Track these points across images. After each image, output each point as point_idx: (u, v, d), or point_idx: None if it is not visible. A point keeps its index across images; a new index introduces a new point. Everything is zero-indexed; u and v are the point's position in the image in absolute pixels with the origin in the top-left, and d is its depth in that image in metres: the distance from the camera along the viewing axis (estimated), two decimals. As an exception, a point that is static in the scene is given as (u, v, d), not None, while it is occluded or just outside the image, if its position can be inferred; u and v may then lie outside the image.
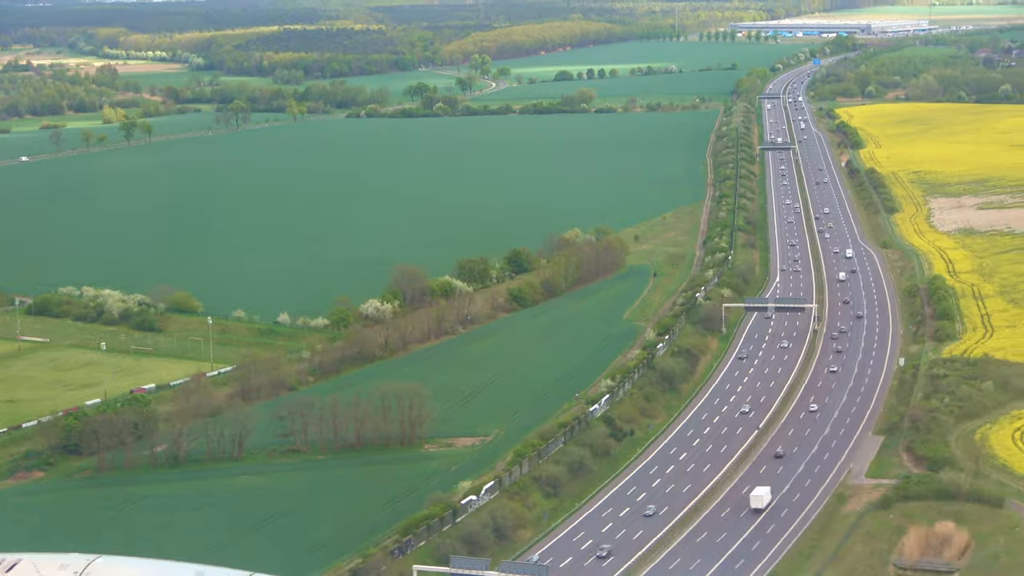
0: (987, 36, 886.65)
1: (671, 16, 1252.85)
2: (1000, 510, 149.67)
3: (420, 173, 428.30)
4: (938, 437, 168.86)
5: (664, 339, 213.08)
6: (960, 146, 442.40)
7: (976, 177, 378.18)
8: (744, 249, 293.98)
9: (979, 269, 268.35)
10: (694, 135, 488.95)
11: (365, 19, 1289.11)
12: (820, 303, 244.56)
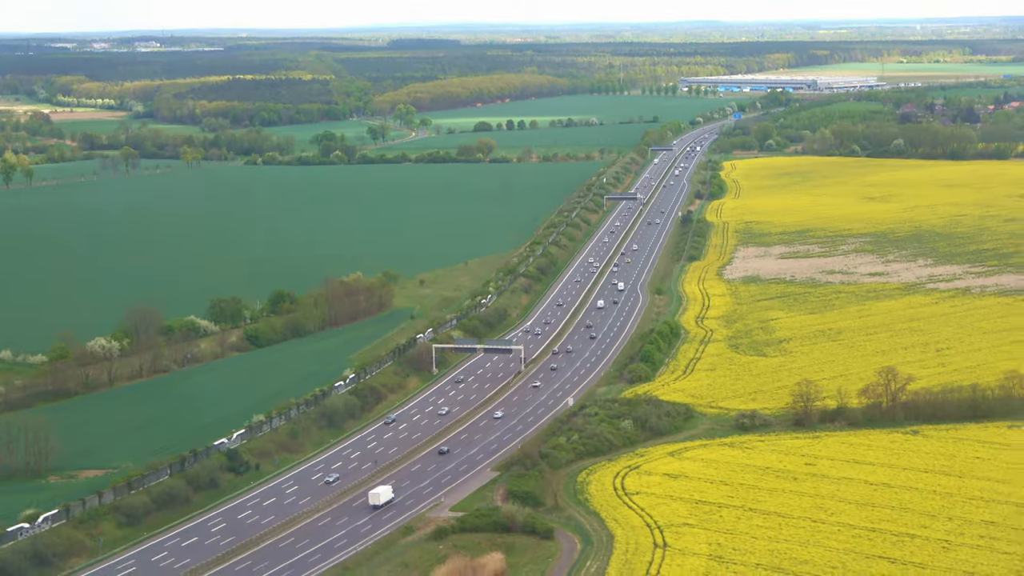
0: (916, 93, 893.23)
1: (628, 71, 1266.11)
2: (548, 541, 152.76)
3: (264, 216, 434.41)
4: (537, 474, 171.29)
5: (347, 378, 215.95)
6: (816, 198, 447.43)
7: (802, 227, 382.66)
8: (515, 293, 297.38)
9: (728, 315, 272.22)
10: (565, 185, 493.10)
11: (324, 70, 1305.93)
12: (549, 340, 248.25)
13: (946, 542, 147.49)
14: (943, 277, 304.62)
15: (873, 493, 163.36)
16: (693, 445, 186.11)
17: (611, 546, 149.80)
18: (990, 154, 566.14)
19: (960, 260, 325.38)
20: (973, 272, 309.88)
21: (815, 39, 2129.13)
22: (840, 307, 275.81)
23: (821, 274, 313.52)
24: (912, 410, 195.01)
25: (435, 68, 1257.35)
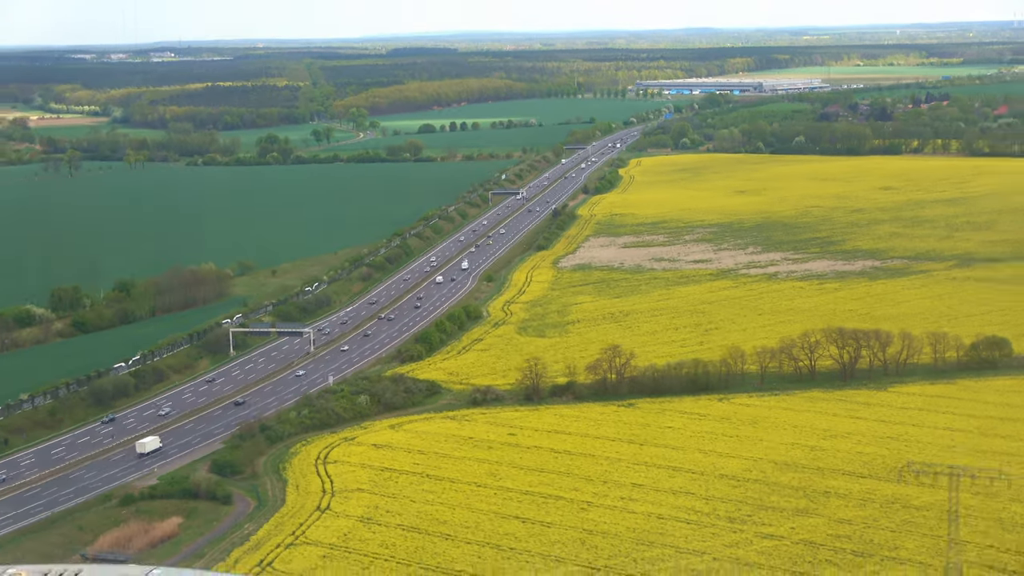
0: (843, 95, 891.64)
1: (588, 76, 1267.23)
2: (227, 505, 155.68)
3: (162, 212, 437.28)
4: (249, 446, 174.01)
5: (130, 360, 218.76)
6: (694, 191, 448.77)
7: (661, 219, 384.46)
8: (349, 281, 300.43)
9: (536, 300, 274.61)
10: (470, 182, 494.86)
11: (304, 77, 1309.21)
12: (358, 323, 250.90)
13: (587, 503, 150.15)
14: (761, 264, 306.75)
15: (550, 460, 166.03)
16: (417, 418, 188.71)
17: (278, 509, 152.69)
18: (884, 150, 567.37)
19: (786, 248, 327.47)
20: (791, 259, 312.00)
21: (793, 44, 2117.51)
22: (645, 292, 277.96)
23: (650, 261, 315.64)
24: (636, 384, 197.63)
25: (406, 74, 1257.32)
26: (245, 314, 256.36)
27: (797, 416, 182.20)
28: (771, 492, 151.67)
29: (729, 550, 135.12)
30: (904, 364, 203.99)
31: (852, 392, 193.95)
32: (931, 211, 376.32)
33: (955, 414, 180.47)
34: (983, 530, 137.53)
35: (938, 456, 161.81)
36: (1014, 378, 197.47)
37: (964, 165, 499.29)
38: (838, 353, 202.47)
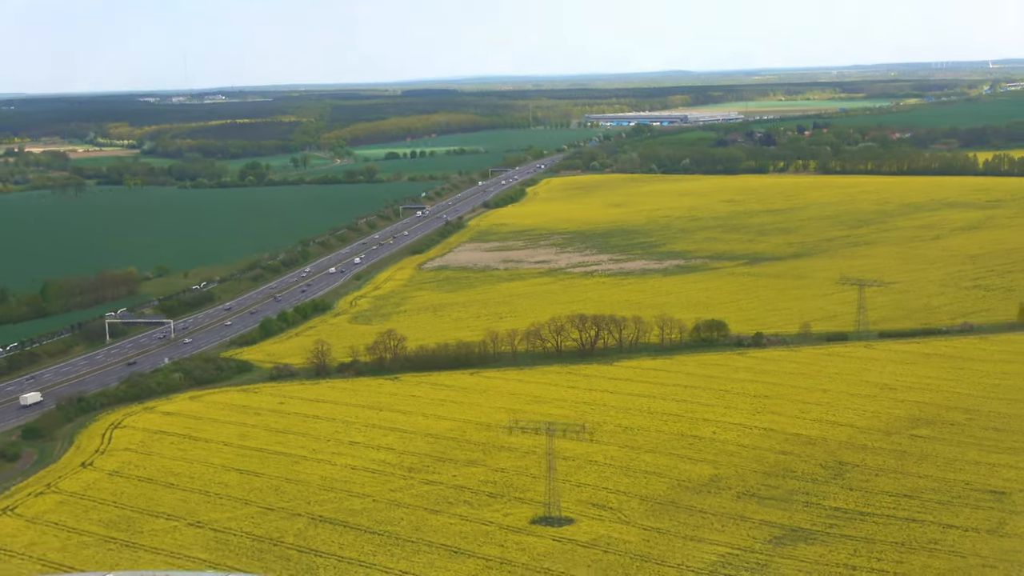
0: (742, 125, 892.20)
1: (549, 111, 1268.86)
2: (14, 462, 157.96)
3: (126, 224, 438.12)
4: (59, 414, 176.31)
5: (7, 346, 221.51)
6: (576, 204, 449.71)
7: (531, 228, 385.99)
8: (239, 281, 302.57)
9: (385, 295, 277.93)
10: (399, 197, 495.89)
11: (311, 115, 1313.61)
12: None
13: (302, 458, 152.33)
14: (588, 263, 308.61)
15: (298, 423, 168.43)
16: (217, 391, 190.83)
17: (48, 464, 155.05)
18: (754, 170, 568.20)
19: (617, 250, 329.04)
20: (616, 259, 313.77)
21: (730, 83, 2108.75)
22: (475, 287, 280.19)
23: (499, 263, 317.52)
24: (408, 362, 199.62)
25: (393, 111, 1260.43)
26: (131, 308, 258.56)
27: (523, 386, 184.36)
28: (457, 448, 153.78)
29: (391, 494, 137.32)
30: (636, 344, 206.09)
31: (583, 367, 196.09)
32: (755, 219, 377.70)
33: (651, 383, 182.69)
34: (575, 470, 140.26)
35: (608, 416, 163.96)
36: (719, 353, 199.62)
37: (808, 181, 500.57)
38: (578, 335, 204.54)
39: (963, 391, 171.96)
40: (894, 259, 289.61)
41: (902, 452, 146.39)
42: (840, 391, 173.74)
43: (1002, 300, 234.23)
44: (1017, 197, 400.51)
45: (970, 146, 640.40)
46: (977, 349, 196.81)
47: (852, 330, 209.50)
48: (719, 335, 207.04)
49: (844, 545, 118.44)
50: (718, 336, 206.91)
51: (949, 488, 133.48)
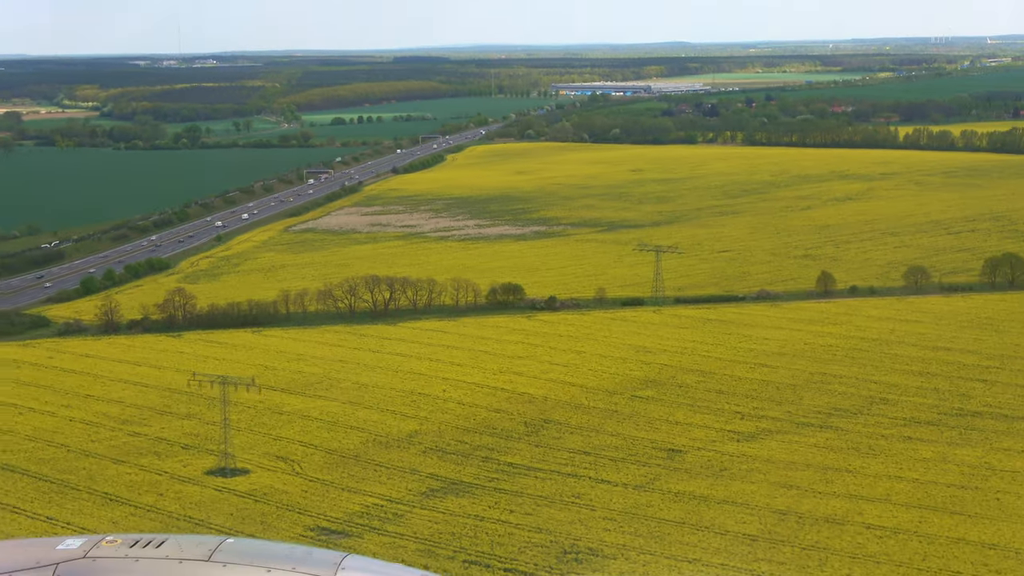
0: (693, 96, 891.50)
1: (518, 79, 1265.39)
2: None
3: (33, 184, 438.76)
4: None
5: None
6: (482, 172, 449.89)
7: (421, 193, 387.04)
8: (106, 241, 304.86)
9: (232, 256, 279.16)
10: (315, 162, 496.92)
11: (281, 80, 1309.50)
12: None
13: (31, 410, 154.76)
14: (451, 228, 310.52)
15: (54, 376, 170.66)
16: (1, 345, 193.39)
17: None
18: (682, 140, 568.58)
19: (487, 216, 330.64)
20: (481, 224, 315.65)
21: (724, 55, 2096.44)
22: (325, 250, 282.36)
23: (367, 227, 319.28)
24: (200, 320, 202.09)
25: (364, 77, 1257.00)
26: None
27: (293, 344, 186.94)
28: (186, 401, 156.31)
29: (89, 444, 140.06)
30: (431, 306, 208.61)
31: (366, 327, 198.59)
32: (644, 188, 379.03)
33: (420, 343, 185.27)
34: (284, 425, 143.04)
35: (351, 373, 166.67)
36: (507, 316, 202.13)
37: (722, 152, 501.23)
38: (370, 296, 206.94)
39: (715, 355, 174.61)
40: (746, 228, 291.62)
41: (612, 412, 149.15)
42: (595, 353, 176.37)
43: (819, 270, 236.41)
44: (912, 170, 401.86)
45: (910, 120, 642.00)
46: (759, 315, 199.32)
47: (649, 296, 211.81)
48: (515, 298, 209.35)
49: (490, 497, 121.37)
50: (514, 299, 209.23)
51: (631, 446, 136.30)
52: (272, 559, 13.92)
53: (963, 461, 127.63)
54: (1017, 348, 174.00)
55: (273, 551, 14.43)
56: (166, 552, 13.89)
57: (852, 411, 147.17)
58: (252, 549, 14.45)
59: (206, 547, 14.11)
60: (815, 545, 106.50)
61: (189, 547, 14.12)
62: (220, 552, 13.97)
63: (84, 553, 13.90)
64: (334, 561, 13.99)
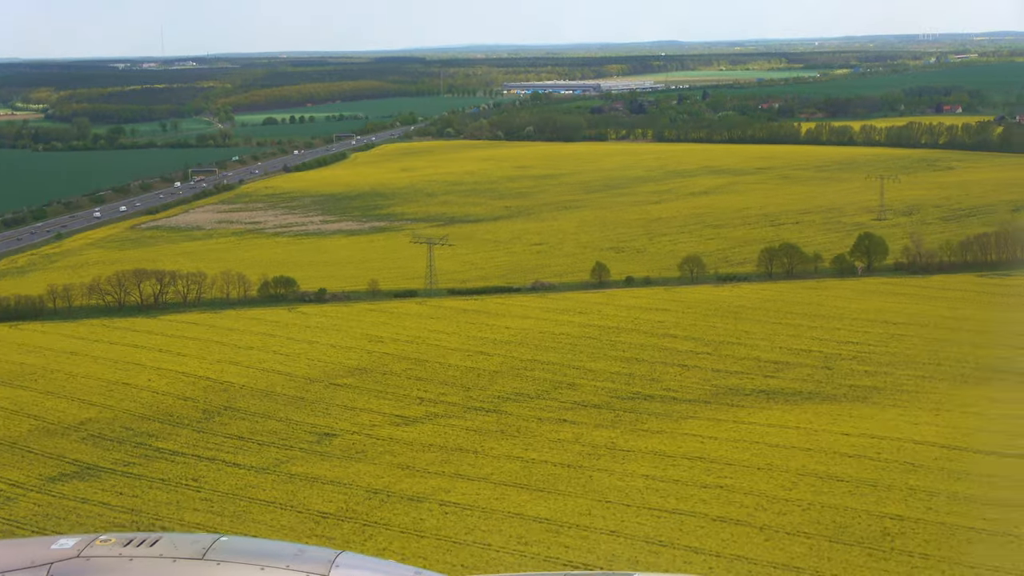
0: (634, 93, 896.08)
1: (471, 79, 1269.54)
2: None
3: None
4: None
5: None
6: (371, 170, 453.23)
7: (294, 191, 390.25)
8: None
9: (59, 253, 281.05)
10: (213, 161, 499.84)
11: (236, 80, 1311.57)
12: None
13: None
14: (294, 224, 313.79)
15: None
16: None
17: None
18: (593, 137, 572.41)
19: (339, 212, 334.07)
20: (327, 220, 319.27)
21: (699, 52, 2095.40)
22: (153, 247, 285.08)
23: (215, 223, 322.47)
24: None
25: (317, 78, 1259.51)
26: None
27: (40, 337, 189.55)
28: None
29: None
30: (200, 300, 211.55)
31: (124, 320, 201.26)
32: (512, 184, 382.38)
33: (161, 335, 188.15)
34: None
35: (66, 363, 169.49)
36: (269, 309, 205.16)
37: (618, 148, 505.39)
38: (138, 290, 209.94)
39: (443, 343, 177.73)
40: (579, 222, 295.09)
41: (299, 398, 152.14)
42: (326, 343, 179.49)
43: (616, 261, 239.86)
44: (790, 164, 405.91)
45: (835, 116, 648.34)
46: (518, 306, 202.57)
47: (422, 287, 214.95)
48: (287, 291, 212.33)
49: (111, 481, 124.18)
50: (286, 292, 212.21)
51: (288, 431, 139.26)
52: (266, 557, 13.85)
53: (593, 442, 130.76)
54: (743, 335, 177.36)
55: (267, 549, 14.43)
56: (160, 551, 13.76)
57: (532, 395, 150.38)
58: (246, 547, 14.38)
59: (200, 545, 14.04)
60: (377, 522, 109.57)
61: (183, 546, 14.03)
62: (214, 550, 13.86)
63: (78, 552, 13.70)
64: (328, 559, 13.86)
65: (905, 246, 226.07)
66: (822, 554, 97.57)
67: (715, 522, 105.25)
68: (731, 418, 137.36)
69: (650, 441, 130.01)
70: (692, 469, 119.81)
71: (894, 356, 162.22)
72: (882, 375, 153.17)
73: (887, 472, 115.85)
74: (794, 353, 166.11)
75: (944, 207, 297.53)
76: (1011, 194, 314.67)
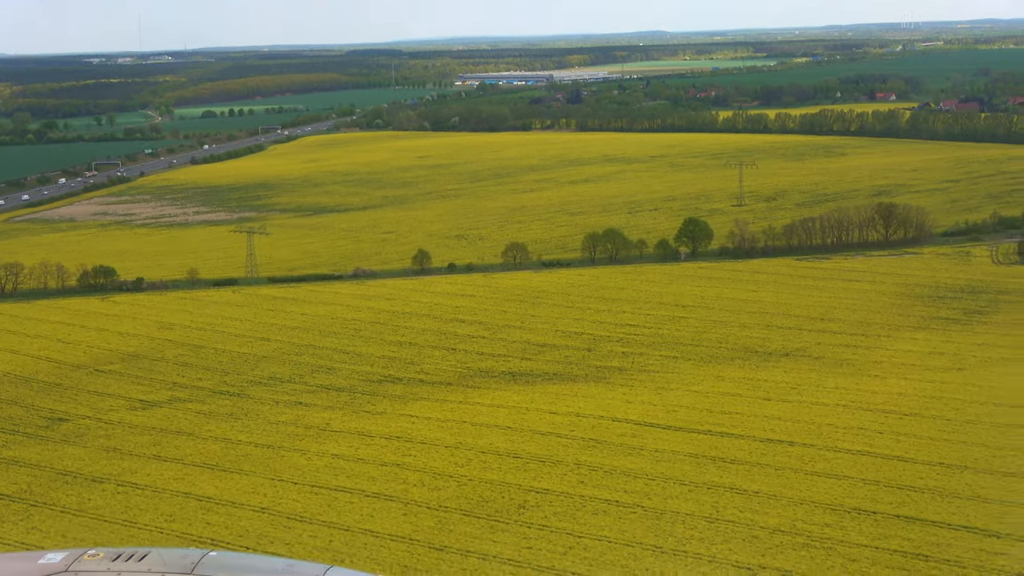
0: (576, 83, 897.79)
1: (427, 71, 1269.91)
2: None
3: None
4: None
5: None
6: (277, 161, 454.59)
7: (191, 182, 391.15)
8: None
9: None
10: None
11: (194, 74, 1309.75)
12: None
13: None
14: (167, 215, 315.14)
15: None
16: None
17: None
18: (518, 127, 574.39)
19: (214, 204, 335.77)
20: (199, 211, 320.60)
21: (677, 42, 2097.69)
22: (20, 238, 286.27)
23: (91, 215, 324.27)
24: None
25: (276, 71, 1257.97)
26: None
27: None
28: None
29: None
30: (18, 290, 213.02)
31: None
32: (403, 175, 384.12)
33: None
34: None
35: None
36: (87, 299, 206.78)
37: (533, 138, 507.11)
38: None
39: (230, 330, 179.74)
40: (442, 211, 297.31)
41: (55, 384, 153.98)
42: (116, 330, 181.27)
43: (455, 249, 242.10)
44: (686, 152, 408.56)
45: (769, 104, 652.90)
46: (331, 293, 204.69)
47: (243, 276, 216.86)
48: (107, 280, 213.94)
49: None
50: (106, 282, 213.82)
51: (27, 415, 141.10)
52: (255, 572, 13.84)
53: (309, 424, 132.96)
54: (528, 319, 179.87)
55: (256, 564, 14.31)
56: (148, 566, 13.55)
57: (285, 379, 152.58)
58: (234, 563, 14.13)
59: (189, 560, 13.80)
60: (44, 503, 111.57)
61: (172, 560, 13.80)
62: (202, 566, 13.65)
63: (66, 567, 13.49)
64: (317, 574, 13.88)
65: (730, 231, 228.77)
66: (446, 527, 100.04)
67: (367, 498, 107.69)
68: (459, 399, 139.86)
69: (364, 422, 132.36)
70: (383, 448, 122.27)
71: (660, 338, 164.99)
72: (635, 356, 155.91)
73: (566, 449, 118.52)
74: (566, 336, 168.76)
75: (810, 192, 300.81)
76: (884, 179, 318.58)
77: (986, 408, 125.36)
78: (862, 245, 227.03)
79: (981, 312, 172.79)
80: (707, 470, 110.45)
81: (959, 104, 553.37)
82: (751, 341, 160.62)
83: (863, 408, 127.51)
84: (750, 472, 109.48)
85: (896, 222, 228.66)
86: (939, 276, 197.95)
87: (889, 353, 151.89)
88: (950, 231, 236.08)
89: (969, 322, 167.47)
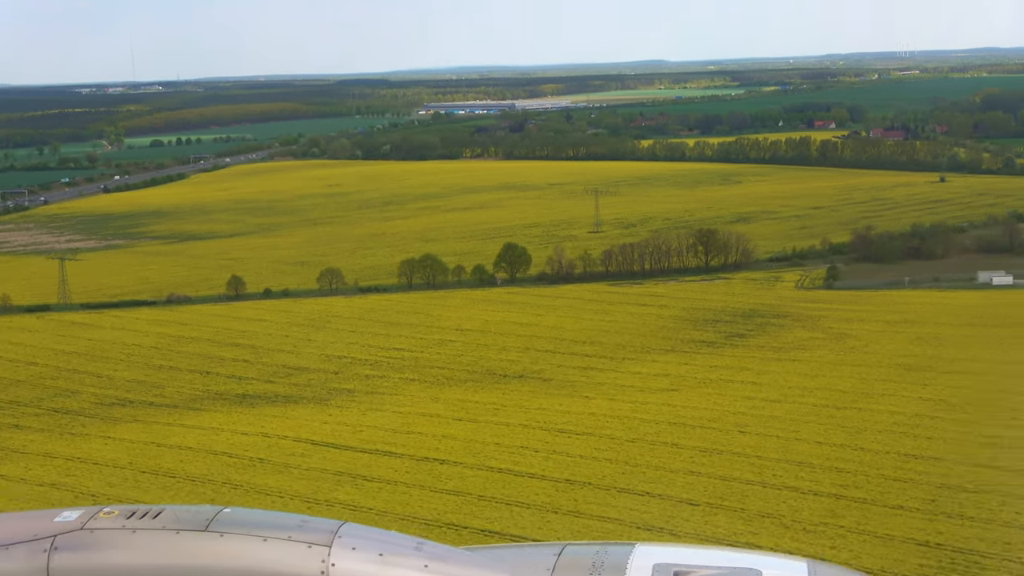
0: (524, 113, 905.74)
1: (395, 100, 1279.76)
2: None
3: None
4: None
5: None
6: (192, 189, 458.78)
7: (86, 211, 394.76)
8: None
9: None
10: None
11: (163, 105, 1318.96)
12: None
13: None
14: (33, 244, 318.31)
15: None
16: None
17: None
18: (446, 156, 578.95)
19: (90, 231, 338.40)
20: (71, 239, 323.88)
21: (663, 71, 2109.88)
22: None
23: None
24: None
25: (243, 100, 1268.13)
26: None
27: None
28: None
29: None
30: None
31: None
32: (297, 203, 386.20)
33: None
34: None
35: None
36: None
37: (451, 168, 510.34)
38: None
39: (8, 355, 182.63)
40: (303, 238, 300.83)
41: None
42: None
43: (292, 275, 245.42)
44: (588, 181, 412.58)
45: (707, 133, 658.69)
46: (133, 320, 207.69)
47: (56, 302, 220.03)
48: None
49: None
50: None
51: None
52: (268, 528, 13.99)
53: (8, 447, 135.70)
54: (303, 343, 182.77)
55: (269, 520, 14.39)
56: (163, 523, 13.82)
57: (23, 402, 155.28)
58: (248, 519, 14.34)
59: (203, 517, 14.09)
60: None
61: (186, 517, 14.07)
62: (216, 522, 13.92)
63: (81, 525, 13.65)
64: (330, 529, 14.01)
65: (549, 256, 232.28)
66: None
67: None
68: (169, 421, 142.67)
69: (58, 444, 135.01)
70: (55, 471, 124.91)
71: (415, 361, 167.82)
72: (376, 379, 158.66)
73: (225, 467, 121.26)
74: (327, 360, 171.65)
75: (674, 219, 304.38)
76: (753, 206, 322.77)
77: (657, 427, 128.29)
78: (681, 271, 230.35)
79: (743, 336, 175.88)
80: (342, 487, 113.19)
81: (884, 132, 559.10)
82: (498, 364, 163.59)
83: (541, 428, 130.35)
84: (380, 490, 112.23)
85: (715, 248, 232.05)
86: (730, 301, 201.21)
87: (618, 375, 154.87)
88: (775, 256, 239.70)
89: (724, 345, 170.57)
